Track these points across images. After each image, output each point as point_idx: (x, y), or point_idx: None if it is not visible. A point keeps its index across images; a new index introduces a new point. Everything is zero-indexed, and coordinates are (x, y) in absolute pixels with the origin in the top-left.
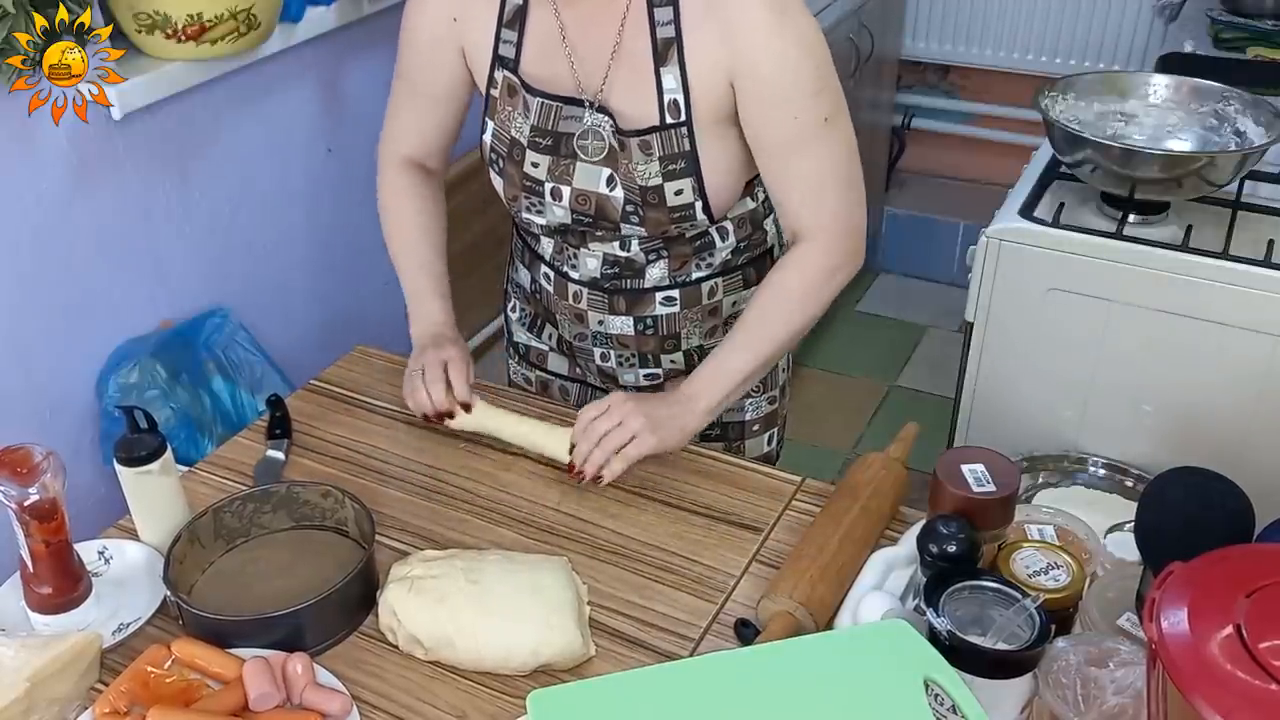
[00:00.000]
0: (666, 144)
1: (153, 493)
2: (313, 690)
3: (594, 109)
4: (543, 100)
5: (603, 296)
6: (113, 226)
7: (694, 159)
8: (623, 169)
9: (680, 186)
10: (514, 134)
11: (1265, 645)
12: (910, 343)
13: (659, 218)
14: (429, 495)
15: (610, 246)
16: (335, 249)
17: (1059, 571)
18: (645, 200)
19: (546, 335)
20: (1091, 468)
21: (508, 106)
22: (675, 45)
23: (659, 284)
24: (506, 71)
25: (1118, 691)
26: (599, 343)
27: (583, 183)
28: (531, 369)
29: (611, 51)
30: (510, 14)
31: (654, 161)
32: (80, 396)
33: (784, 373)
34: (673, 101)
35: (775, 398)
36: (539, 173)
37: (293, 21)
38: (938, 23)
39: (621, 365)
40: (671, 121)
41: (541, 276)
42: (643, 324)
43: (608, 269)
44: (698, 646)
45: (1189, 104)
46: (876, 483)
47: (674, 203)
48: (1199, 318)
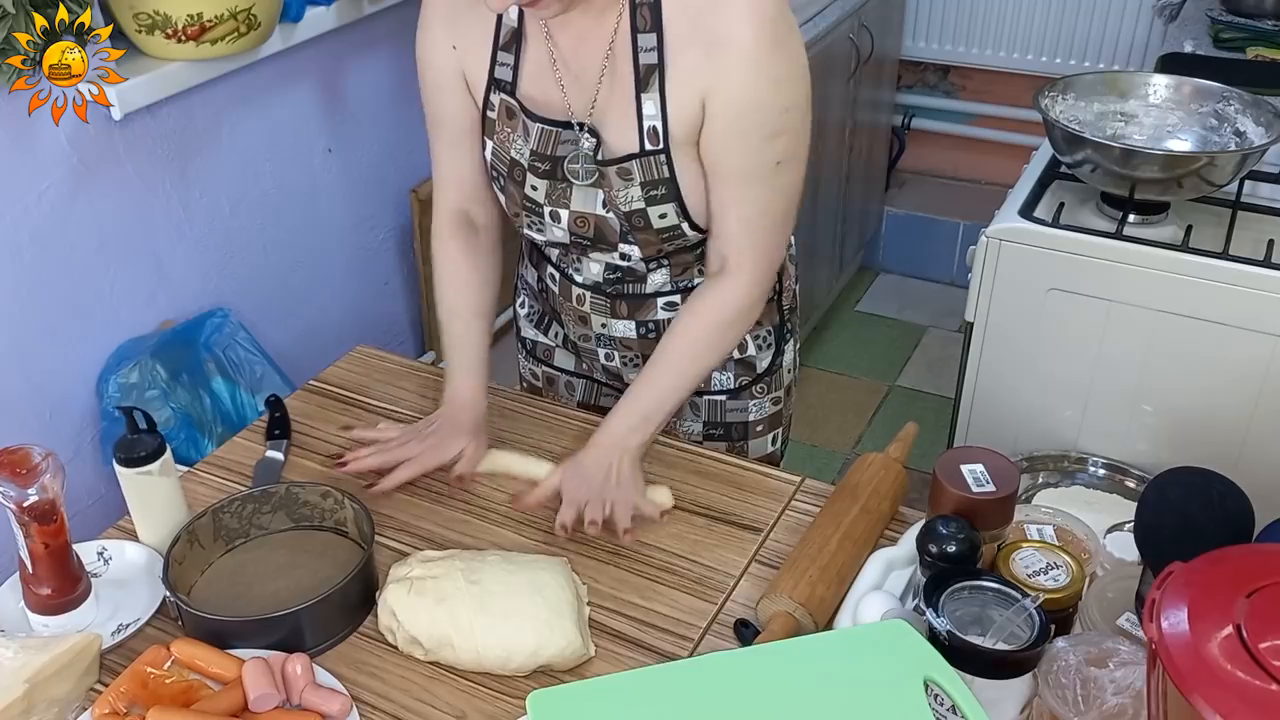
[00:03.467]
0: (646, 170)
1: (152, 493)
2: (312, 691)
3: (584, 131)
4: (542, 126)
5: (605, 301)
6: (113, 226)
7: (673, 184)
8: (608, 194)
9: (663, 210)
10: (514, 155)
11: (1265, 645)
12: (910, 343)
13: (649, 238)
14: (429, 495)
15: (612, 256)
16: (335, 249)
17: (1059, 571)
18: (632, 224)
19: (553, 334)
20: (1091, 468)
21: (506, 128)
22: (657, 72)
23: (660, 289)
24: (504, 94)
25: (1118, 691)
26: (603, 344)
27: (580, 205)
28: (539, 364)
29: (600, 75)
30: (506, 36)
31: (635, 186)
32: (80, 397)
33: (790, 373)
34: (652, 128)
35: (780, 399)
36: (538, 195)
37: (293, 21)
38: (938, 23)
39: (626, 365)
40: (650, 148)
41: (547, 277)
42: (644, 328)
43: (610, 274)
44: (697, 646)
45: (1189, 104)
46: (876, 483)
47: (659, 225)
48: (1199, 318)
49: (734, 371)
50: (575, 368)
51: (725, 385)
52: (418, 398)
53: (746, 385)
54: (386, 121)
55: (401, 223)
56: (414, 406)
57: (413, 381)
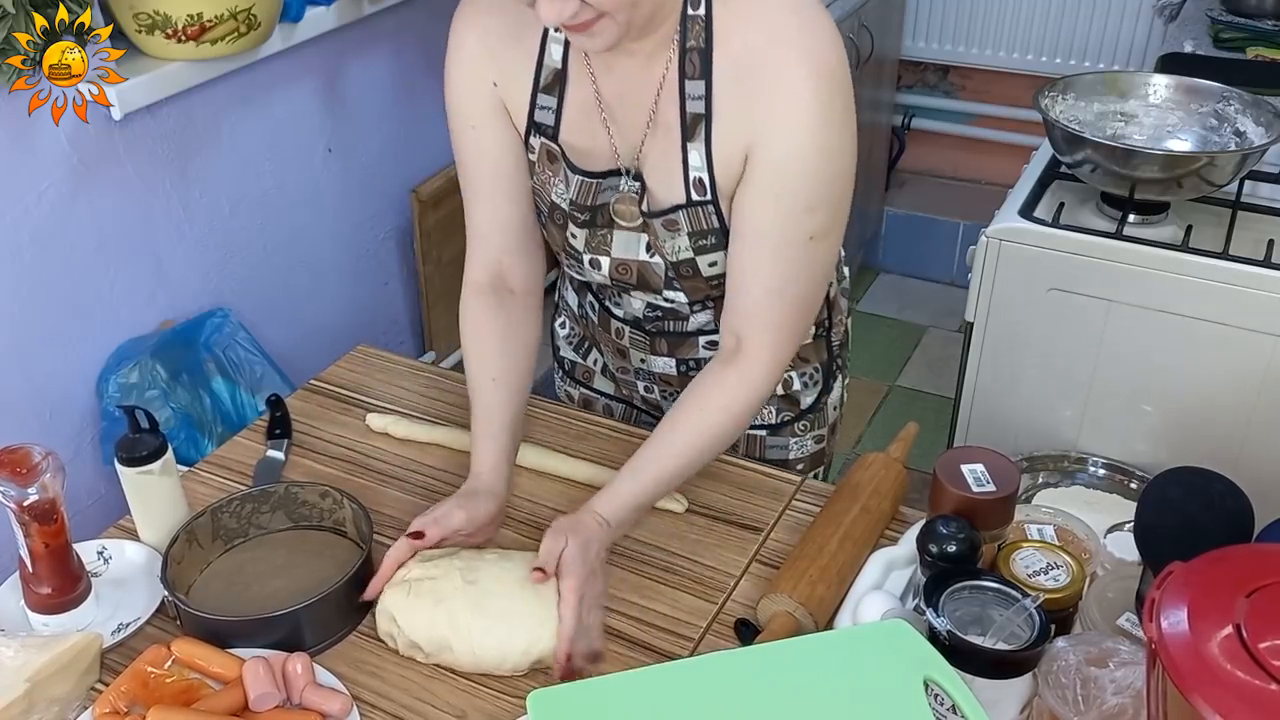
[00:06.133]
0: (694, 220)
1: (153, 493)
2: (312, 690)
3: (630, 176)
4: (582, 178)
5: (645, 337)
6: (113, 226)
7: (723, 233)
8: (654, 241)
9: (714, 259)
10: (554, 198)
11: (1265, 645)
12: (910, 343)
13: (697, 284)
14: (429, 495)
15: (654, 298)
16: (335, 249)
17: (1059, 571)
18: (680, 273)
19: (592, 359)
20: (1091, 468)
21: (547, 171)
22: (704, 122)
23: (703, 328)
24: (545, 138)
25: (1118, 691)
26: (642, 377)
27: (621, 251)
28: (577, 385)
29: (647, 121)
30: (548, 78)
31: (682, 236)
32: (80, 396)
33: (835, 410)
34: (698, 179)
35: (823, 437)
36: (577, 243)
37: (293, 21)
38: (938, 23)
39: (665, 398)
40: (698, 199)
41: (587, 305)
42: (685, 365)
43: (651, 312)
44: (698, 646)
45: (1189, 104)
46: (877, 482)
47: (709, 273)
48: (1199, 318)
49: (776, 406)
50: (615, 393)
51: (766, 420)
52: (418, 397)
53: (789, 422)
54: (386, 121)
55: (401, 223)
56: (414, 406)
57: (413, 381)
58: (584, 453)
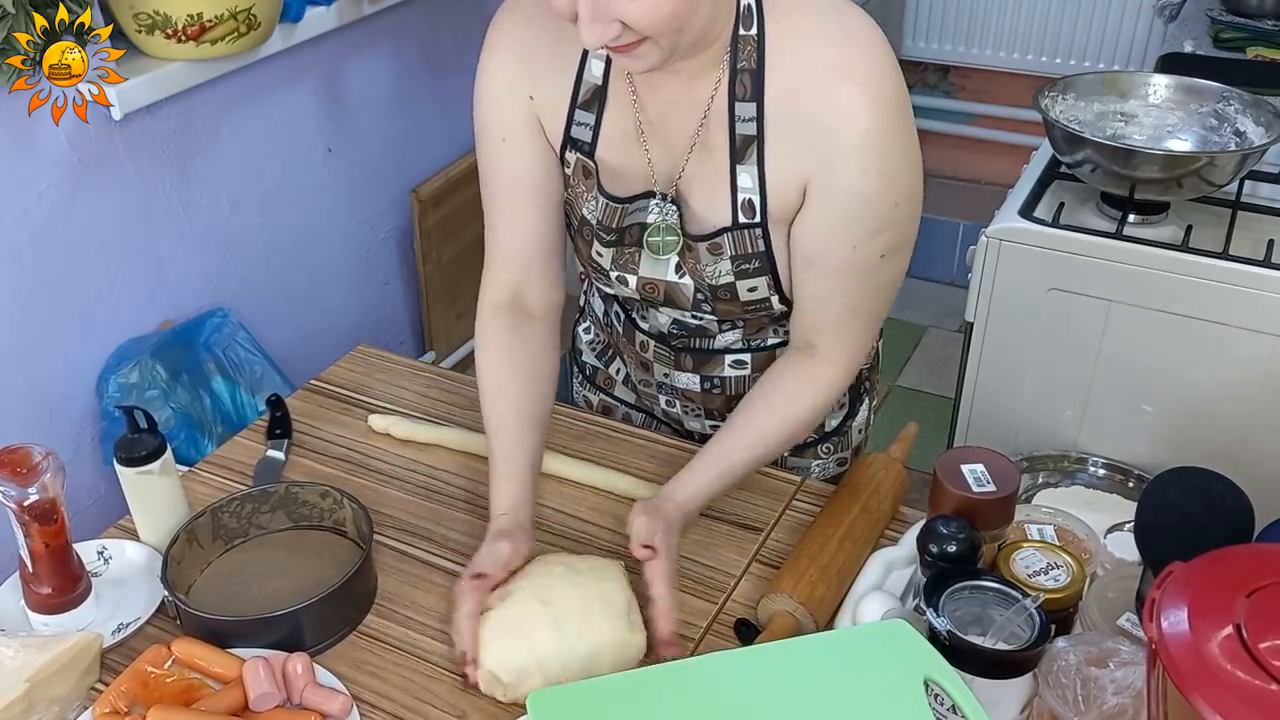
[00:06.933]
0: (739, 244)
1: (153, 493)
2: (313, 690)
3: (667, 200)
4: (609, 202)
5: (670, 353)
6: (113, 226)
7: (769, 258)
8: (690, 264)
9: (754, 284)
10: (584, 213)
11: (1265, 645)
12: (910, 343)
13: (731, 308)
14: (429, 495)
15: (680, 314)
16: (335, 249)
17: (1059, 571)
18: (716, 296)
19: (614, 368)
20: (1091, 468)
21: (580, 185)
22: (755, 144)
23: (730, 346)
24: (581, 154)
25: (1118, 691)
26: (664, 391)
27: (648, 272)
28: (597, 392)
29: (691, 144)
30: (587, 94)
31: (724, 260)
32: (80, 396)
33: (860, 433)
34: (747, 201)
35: (846, 460)
36: (604, 261)
37: (293, 21)
38: (938, 23)
39: (687, 414)
40: (745, 222)
41: (613, 314)
42: (710, 383)
43: (676, 329)
44: (698, 646)
45: (1189, 104)
46: (877, 482)
47: (747, 298)
48: (1199, 318)
49: None
50: (636, 403)
51: None
52: (418, 397)
53: (812, 443)
54: (386, 121)
55: (401, 223)
56: (414, 406)
57: (413, 381)
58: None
